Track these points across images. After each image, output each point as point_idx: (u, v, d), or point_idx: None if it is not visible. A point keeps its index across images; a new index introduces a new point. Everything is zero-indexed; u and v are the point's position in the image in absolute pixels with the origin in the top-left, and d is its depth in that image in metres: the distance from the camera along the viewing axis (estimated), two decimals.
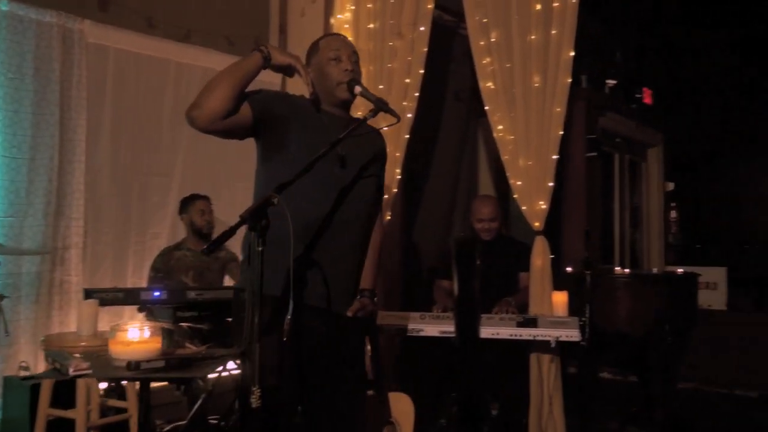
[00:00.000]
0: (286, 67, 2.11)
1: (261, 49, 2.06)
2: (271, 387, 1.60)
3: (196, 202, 4.02)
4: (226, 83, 1.98)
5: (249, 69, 2.03)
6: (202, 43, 4.58)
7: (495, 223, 4.03)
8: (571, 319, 3.40)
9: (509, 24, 3.93)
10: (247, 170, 4.69)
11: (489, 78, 4.02)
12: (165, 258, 3.94)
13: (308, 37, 4.87)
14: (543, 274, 3.76)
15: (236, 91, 1.99)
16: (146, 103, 4.24)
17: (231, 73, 2.01)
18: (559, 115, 3.78)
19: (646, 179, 7.44)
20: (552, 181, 3.79)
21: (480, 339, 3.37)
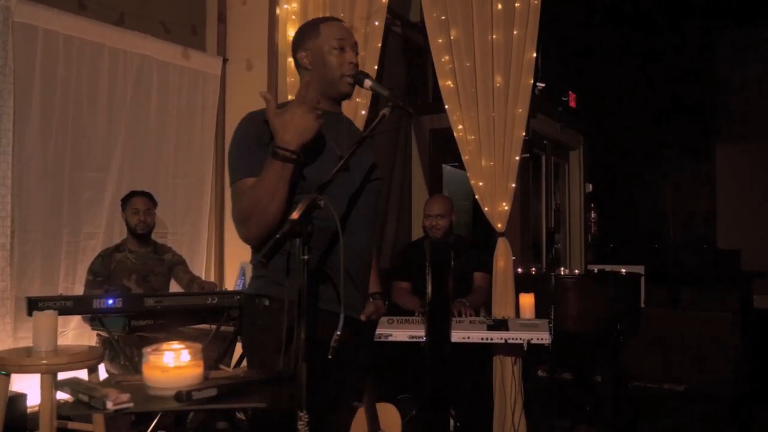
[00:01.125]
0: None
1: (279, 154, 1.72)
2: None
3: (132, 200, 3.71)
4: (271, 211, 1.75)
5: (278, 182, 1.74)
6: (137, 28, 4.25)
7: (444, 220, 3.97)
8: (541, 322, 3.40)
9: (469, 22, 3.88)
10: (187, 167, 4.46)
11: (448, 76, 3.95)
12: (105, 260, 3.61)
13: (251, 28, 4.73)
14: (506, 275, 3.75)
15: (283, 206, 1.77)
16: (79, 92, 3.86)
17: (267, 198, 1.74)
18: (522, 117, 3.77)
19: (568, 180, 7.65)
20: (514, 182, 3.78)
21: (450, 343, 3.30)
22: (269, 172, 1.73)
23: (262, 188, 1.74)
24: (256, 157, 1.81)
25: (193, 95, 4.52)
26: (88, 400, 1.22)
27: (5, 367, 2.38)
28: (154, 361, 1.29)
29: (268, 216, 1.76)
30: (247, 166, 1.83)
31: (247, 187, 1.79)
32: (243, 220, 1.80)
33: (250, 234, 1.81)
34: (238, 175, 1.84)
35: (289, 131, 1.71)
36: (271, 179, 1.73)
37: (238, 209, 1.81)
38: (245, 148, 1.87)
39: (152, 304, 2.94)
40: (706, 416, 4.87)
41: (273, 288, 1.82)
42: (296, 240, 1.45)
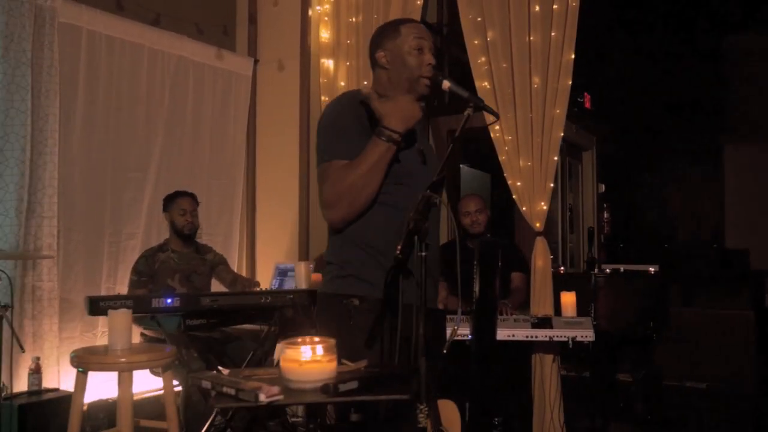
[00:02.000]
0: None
1: (386, 134, 1.79)
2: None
3: (178, 201, 3.73)
4: (367, 192, 1.82)
5: (379, 165, 1.81)
6: (172, 28, 4.28)
7: (482, 215, 4.03)
8: (584, 320, 3.44)
9: (506, 24, 3.92)
10: (221, 167, 4.48)
11: (485, 77, 3.99)
12: (149, 260, 3.63)
13: (282, 29, 4.76)
14: (545, 274, 3.79)
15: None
16: (120, 92, 3.89)
17: (367, 178, 1.80)
18: (560, 117, 3.82)
19: (582, 181, 7.71)
20: (552, 182, 3.83)
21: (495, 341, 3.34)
22: (373, 152, 1.78)
23: (362, 169, 1.78)
24: (350, 139, 1.85)
25: (227, 96, 4.55)
26: (235, 393, 1.24)
27: (86, 365, 2.40)
28: (292, 355, 1.32)
29: (362, 199, 1.81)
30: (341, 147, 1.86)
31: (340, 169, 1.82)
32: (333, 203, 1.83)
33: (337, 216, 1.85)
34: (331, 156, 1.86)
35: (396, 115, 1.80)
36: (374, 160, 1.78)
37: (330, 190, 1.83)
38: (340, 129, 1.90)
39: (208, 304, 2.97)
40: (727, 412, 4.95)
41: (362, 287, 1.85)
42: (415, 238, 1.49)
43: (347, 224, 1.85)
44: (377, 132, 1.79)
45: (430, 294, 1.96)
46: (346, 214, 1.84)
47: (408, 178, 1.90)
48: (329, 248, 2.01)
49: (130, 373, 2.41)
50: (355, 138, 1.86)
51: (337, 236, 1.94)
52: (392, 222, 1.81)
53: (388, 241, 1.74)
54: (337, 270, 1.94)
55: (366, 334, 1.73)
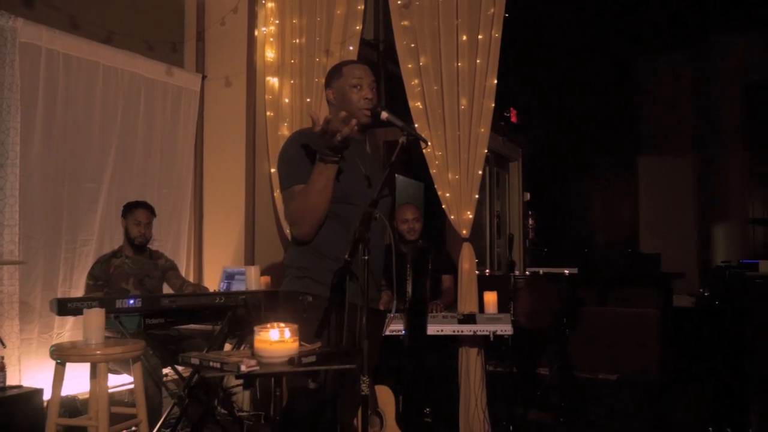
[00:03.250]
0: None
1: (327, 159, 2.18)
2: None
3: (136, 211, 3.98)
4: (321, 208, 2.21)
5: (331, 183, 2.20)
6: (123, 46, 4.52)
7: (418, 223, 4.43)
8: (504, 316, 3.89)
9: (436, 51, 4.34)
10: (170, 178, 4.75)
11: (418, 98, 4.41)
12: (104, 266, 3.88)
13: (229, 48, 5.08)
14: (470, 276, 4.22)
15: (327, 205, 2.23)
16: (76, 107, 4.12)
17: (318, 197, 2.19)
18: (484, 135, 4.26)
19: (509, 190, 8.27)
20: (477, 193, 4.28)
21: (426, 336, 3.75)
22: (322, 174, 2.17)
23: (316, 189, 2.17)
24: (306, 167, 2.24)
25: (176, 110, 4.81)
26: (220, 366, 1.59)
27: (65, 357, 2.66)
28: (263, 336, 1.68)
29: (319, 213, 2.21)
30: (297, 173, 2.26)
31: (298, 193, 2.21)
32: (298, 219, 2.23)
33: (304, 230, 2.25)
34: (293, 181, 2.27)
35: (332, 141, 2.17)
36: (324, 180, 2.17)
37: (293, 211, 2.24)
38: (299, 159, 2.29)
39: (168, 304, 3.26)
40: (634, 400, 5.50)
41: (316, 287, 2.23)
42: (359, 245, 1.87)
43: (314, 236, 2.22)
44: (319, 158, 2.19)
45: (372, 294, 2.36)
46: (309, 227, 2.24)
47: (355, 198, 2.29)
48: (289, 256, 2.38)
49: (105, 365, 2.69)
50: (306, 166, 2.26)
51: (297, 246, 2.33)
52: (342, 234, 2.21)
53: (339, 250, 2.12)
54: (296, 272, 2.32)
55: (316, 325, 2.12)
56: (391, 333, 3.75)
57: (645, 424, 4.88)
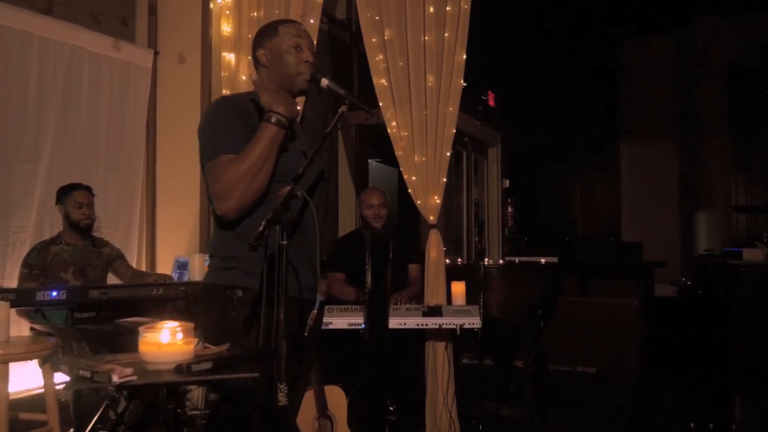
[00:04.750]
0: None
1: (274, 118, 1.91)
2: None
3: (74, 193, 3.67)
4: (261, 179, 1.90)
5: (271, 149, 1.90)
6: (66, 18, 4.19)
7: (384, 209, 4.14)
8: (472, 308, 3.61)
9: (402, 24, 4.05)
10: (119, 160, 4.42)
11: (382, 75, 4.11)
12: (41, 253, 3.56)
13: (183, 21, 4.74)
14: (438, 265, 3.95)
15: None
16: (7, 81, 3.78)
17: (261, 165, 1.88)
18: (452, 114, 3.98)
19: (487, 176, 7.99)
20: (445, 177, 3.99)
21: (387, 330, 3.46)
22: (264, 137, 1.87)
23: (254, 157, 1.85)
24: (235, 135, 1.92)
25: (125, 87, 4.48)
26: (90, 375, 1.29)
27: None
28: (151, 338, 1.38)
29: (256, 185, 1.87)
30: (227, 143, 1.92)
31: (230, 161, 1.88)
32: (226, 193, 1.87)
33: (231, 205, 1.88)
34: (217, 152, 1.92)
35: (281, 104, 1.91)
36: (266, 144, 1.87)
37: (222, 182, 1.88)
38: (225, 126, 1.96)
39: (97, 296, 2.95)
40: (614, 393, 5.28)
41: (246, 279, 1.90)
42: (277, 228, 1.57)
43: (240, 214, 1.90)
44: (266, 118, 1.89)
45: (307, 282, 2.06)
46: (240, 202, 1.88)
47: (292, 177, 1.97)
48: (213, 242, 2.06)
49: (6, 365, 2.38)
50: (240, 133, 1.93)
51: (222, 231, 2.00)
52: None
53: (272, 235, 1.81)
54: (221, 262, 2.00)
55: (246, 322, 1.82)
56: (351, 327, 3.48)
57: (624, 419, 4.66)
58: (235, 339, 1.88)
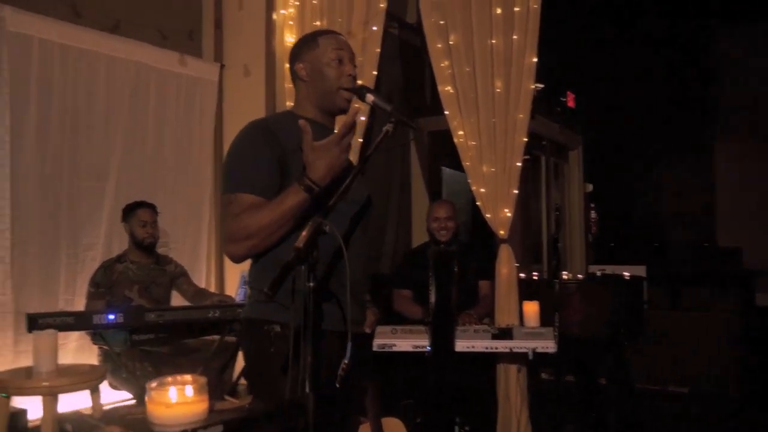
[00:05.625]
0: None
1: (306, 185, 1.70)
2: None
3: (138, 212, 3.67)
4: (275, 239, 1.76)
5: (295, 213, 1.74)
6: (133, 35, 4.21)
7: (451, 222, 3.95)
8: (545, 330, 3.37)
9: (468, 27, 3.85)
10: (186, 175, 4.42)
11: (448, 82, 3.92)
12: (107, 272, 3.57)
13: (248, 33, 4.69)
14: (509, 282, 3.73)
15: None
16: (75, 101, 3.82)
17: (279, 226, 1.74)
18: (523, 122, 3.75)
19: (568, 181, 7.63)
20: (516, 188, 3.76)
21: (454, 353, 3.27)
22: (290, 200, 1.71)
23: (277, 214, 1.71)
24: (258, 171, 1.79)
25: (191, 102, 4.48)
26: None
27: (6, 389, 2.35)
28: (158, 397, 1.25)
29: (271, 241, 1.75)
30: (248, 180, 1.79)
31: (250, 207, 1.75)
32: (241, 239, 1.76)
33: (239, 252, 1.79)
34: (237, 188, 1.79)
35: (324, 169, 1.70)
36: (291, 207, 1.71)
37: (235, 227, 1.76)
38: (248, 160, 1.82)
39: (153, 319, 2.91)
40: (709, 417, 4.86)
41: (282, 314, 1.75)
42: (301, 267, 1.42)
43: (245, 259, 1.78)
44: (299, 178, 1.71)
45: (355, 317, 1.91)
46: (248, 253, 1.79)
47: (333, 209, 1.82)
48: (251, 272, 1.94)
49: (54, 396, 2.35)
50: (264, 168, 1.79)
51: (259, 260, 1.87)
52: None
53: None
54: (258, 294, 1.87)
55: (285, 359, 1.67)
56: (416, 349, 3.31)
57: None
58: (273, 376, 1.75)
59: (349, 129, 1.70)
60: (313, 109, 2.00)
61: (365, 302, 2.05)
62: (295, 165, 1.81)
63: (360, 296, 1.97)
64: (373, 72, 4.23)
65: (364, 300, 2.04)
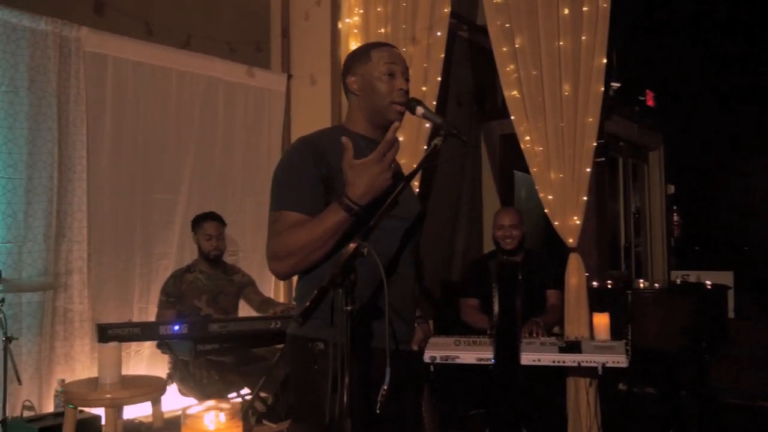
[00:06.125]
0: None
1: (345, 204, 1.66)
2: None
3: (204, 225, 3.75)
4: (316, 257, 1.74)
5: (336, 232, 1.70)
6: (203, 50, 4.32)
7: (517, 230, 3.84)
8: (617, 344, 3.23)
9: (534, 29, 3.74)
10: (254, 185, 4.49)
11: (514, 86, 3.83)
12: (177, 281, 3.67)
13: (314, 42, 4.73)
14: (579, 293, 3.59)
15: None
16: (148, 116, 3.96)
17: (320, 246, 1.71)
18: (593, 126, 3.61)
19: (648, 183, 7.33)
20: (586, 195, 3.62)
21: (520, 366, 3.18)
22: (330, 219, 1.69)
23: (318, 232, 1.69)
24: (304, 189, 1.78)
25: (259, 113, 4.56)
26: None
27: (73, 401, 2.45)
28: (194, 423, 1.26)
29: (313, 259, 1.73)
30: (293, 198, 1.78)
31: (293, 225, 1.75)
32: (283, 256, 1.75)
33: (283, 270, 1.78)
34: (282, 205, 1.79)
35: (363, 188, 1.66)
36: (331, 226, 1.69)
37: (278, 245, 1.76)
38: (296, 178, 1.81)
39: (217, 329, 2.97)
40: None
41: (326, 331, 1.69)
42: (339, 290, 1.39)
43: (289, 277, 1.78)
44: (338, 199, 1.69)
45: (400, 336, 1.87)
46: (291, 271, 1.78)
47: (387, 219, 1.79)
48: (298, 288, 1.93)
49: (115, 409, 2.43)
50: (310, 186, 1.78)
51: (305, 276, 1.86)
52: (365, 265, 1.69)
53: (361, 285, 1.64)
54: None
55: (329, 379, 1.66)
56: (480, 362, 3.24)
57: None
58: (317, 395, 1.74)
59: (390, 146, 1.66)
60: (365, 124, 1.98)
61: (414, 319, 2.00)
62: (341, 183, 1.79)
63: (408, 314, 1.93)
64: (437, 78, 4.18)
65: (412, 317, 1.99)
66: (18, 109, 3.39)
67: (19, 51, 3.40)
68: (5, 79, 3.36)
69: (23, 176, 3.37)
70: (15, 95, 3.38)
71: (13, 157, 3.35)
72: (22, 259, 3.34)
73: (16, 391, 3.19)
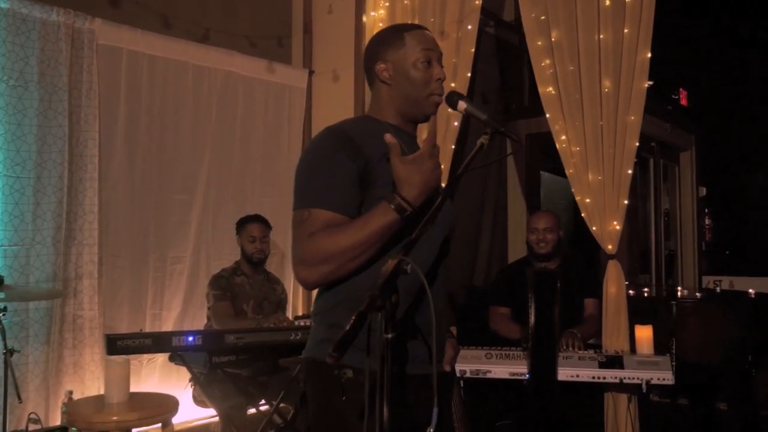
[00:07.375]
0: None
1: (397, 203, 1.48)
2: None
3: (248, 226, 3.58)
4: (356, 264, 1.52)
5: (383, 236, 1.51)
6: (222, 44, 4.15)
7: (552, 234, 3.62)
8: (661, 359, 3.01)
9: (572, 22, 3.52)
10: (273, 185, 4.31)
11: (549, 82, 3.61)
12: (229, 282, 3.50)
13: (337, 37, 4.53)
14: (618, 303, 3.37)
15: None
16: (164, 112, 3.78)
17: (363, 250, 1.51)
18: (635, 124, 3.39)
19: (679, 184, 7.06)
20: (626, 199, 3.40)
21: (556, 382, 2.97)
22: (377, 220, 1.48)
23: (362, 236, 1.48)
24: (334, 184, 1.56)
25: (279, 110, 4.37)
26: None
27: (75, 423, 2.27)
28: None
29: (351, 267, 1.52)
30: (326, 194, 1.56)
31: (325, 223, 1.52)
32: (315, 263, 1.52)
33: (313, 279, 1.56)
34: (311, 203, 1.56)
35: (419, 187, 1.48)
36: (378, 229, 1.48)
37: (310, 249, 1.52)
38: (327, 172, 1.58)
39: (233, 341, 2.78)
40: None
41: (356, 356, 1.40)
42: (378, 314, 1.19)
43: (318, 287, 1.56)
44: (389, 198, 1.48)
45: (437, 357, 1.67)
46: (324, 279, 1.55)
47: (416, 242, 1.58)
48: (318, 303, 1.68)
49: None
50: (345, 184, 1.56)
51: (330, 289, 1.64)
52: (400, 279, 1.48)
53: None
54: (326, 332, 1.62)
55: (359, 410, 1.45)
56: (513, 377, 3.03)
57: None
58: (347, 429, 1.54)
59: (435, 138, 1.45)
60: (395, 115, 1.75)
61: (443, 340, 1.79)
62: (381, 177, 1.57)
63: (442, 332, 1.72)
64: (467, 74, 3.98)
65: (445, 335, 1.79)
66: (27, 104, 3.22)
67: (29, 43, 3.23)
68: (14, 73, 3.19)
69: (31, 175, 3.20)
70: (24, 90, 3.21)
71: (22, 155, 3.19)
72: (29, 262, 3.17)
73: (21, 403, 3.02)
